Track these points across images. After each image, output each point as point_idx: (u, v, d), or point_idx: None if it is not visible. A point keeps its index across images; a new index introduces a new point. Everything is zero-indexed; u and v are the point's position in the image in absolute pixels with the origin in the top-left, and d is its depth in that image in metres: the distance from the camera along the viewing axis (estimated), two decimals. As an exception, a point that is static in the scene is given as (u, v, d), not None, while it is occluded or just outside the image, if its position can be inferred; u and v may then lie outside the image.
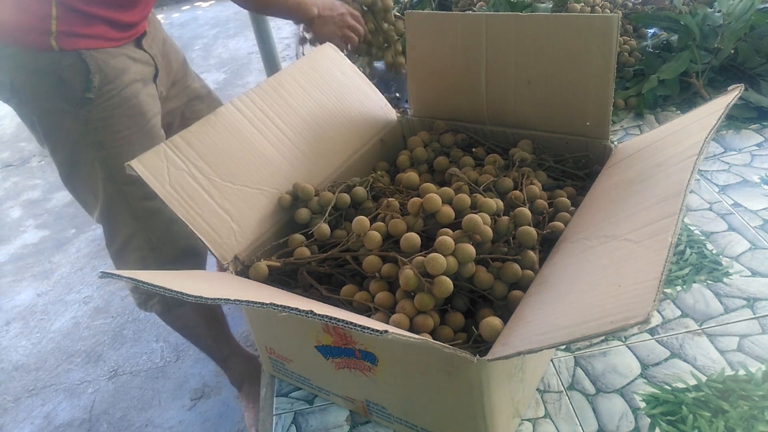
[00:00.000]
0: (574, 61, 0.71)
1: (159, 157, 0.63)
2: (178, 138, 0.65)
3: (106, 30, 0.95)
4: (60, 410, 1.68)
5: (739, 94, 0.58)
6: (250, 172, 0.70)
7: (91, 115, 0.97)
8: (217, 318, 1.39)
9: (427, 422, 0.55)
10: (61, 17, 0.90)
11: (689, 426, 0.55)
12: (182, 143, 0.65)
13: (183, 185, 0.63)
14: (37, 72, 0.93)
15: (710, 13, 1.07)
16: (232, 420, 1.56)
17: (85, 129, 0.98)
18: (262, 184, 0.70)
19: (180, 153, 0.64)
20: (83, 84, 0.94)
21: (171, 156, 0.64)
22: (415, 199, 0.65)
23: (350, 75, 0.86)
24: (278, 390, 0.66)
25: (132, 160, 0.60)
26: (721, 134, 0.96)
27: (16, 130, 3.38)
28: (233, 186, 0.67)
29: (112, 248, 1.12)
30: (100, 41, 0.95)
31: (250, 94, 0.74)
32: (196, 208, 0.63)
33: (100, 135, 0.99)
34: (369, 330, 0.40)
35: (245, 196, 0.68)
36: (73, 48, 0.93)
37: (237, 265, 0.64)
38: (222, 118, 0.70)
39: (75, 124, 0.97)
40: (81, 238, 2.39)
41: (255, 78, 3.41)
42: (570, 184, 0.74)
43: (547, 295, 0.50)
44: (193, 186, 0.64)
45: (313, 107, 0.80)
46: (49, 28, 0.90)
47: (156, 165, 0.62)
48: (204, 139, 0.67)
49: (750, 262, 0.71)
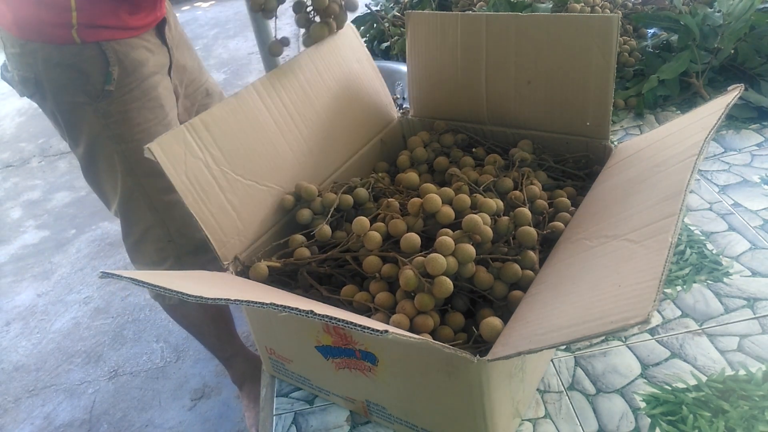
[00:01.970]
0: (574, 61, 0.71)
1: (178, 141, 0.61)
2: (198, 120, 0.64)
3: (125, 17, 0.95)
4: (60, 411, 1.68)
5: (739, 94, 0.58)
6: (260, 166, 0.69)
7: (110, 108, 0.98)
8: (224, 318, 1.40)
9: (427, 422, 0.55)
10: (81, 8, 0.91)
11: (689, 426, 0.55)
12: (201, 127, 0.64)
13: (198, 176, 0.62)
14: (60, 65, 0.94)
15: (710, 13, 1.07)
16: (232, 420, 1.56)
17: (105, 122, 0.99)
18: (269, 181, 0.70)
19: (198, 138, 0.63)
20: (103, 76, 0.95)
21: (189, 141, 0.62)
22: (415, 199, 0.65)
23: (366, 66, 0.86)
24: (278, 390, 0.66)
25: (151, 143, 0.59)
26: (721, 134, 0.96)
27: (16, 130, 3.38)
28: (243, 181, 0.67)
29: (128, 240, 1.13)
30: (120, 32, 0.95)
31: (271, 77, 0.73)
32: (207, 202, 0.63)
33: (119, 128, 0.99)
34: (369, 330, 0.40)
35: (253, 193, 0.68)
36: (94, 40, 0.93)
37: (237, 265, 0.64)
38: (242, 103, 0.69)
39: (95, 117, 0.98)
40: (81, 239, 2.39)
41: (255, 78, 3.39)
42: (570, 184, 0.74)
43: (547, 295, 0.50)
44: (207, 177, 0.63)
45: (327, 98, 0.79)
46: (70, 20, 0.91)
47: (175, 151, 0.61)
48: (222, 123, 0.66)
49: (750, 262, 0.71)
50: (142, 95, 0.99)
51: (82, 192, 2.68)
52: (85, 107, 0.97)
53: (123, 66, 0.96)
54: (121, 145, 1.00)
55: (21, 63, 0.97)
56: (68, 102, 0.98)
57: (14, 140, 3.28)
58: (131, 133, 1.00)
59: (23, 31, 0.94)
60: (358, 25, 1.55)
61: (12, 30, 0.95)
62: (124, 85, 0.97)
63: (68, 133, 1.03)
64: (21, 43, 0.95)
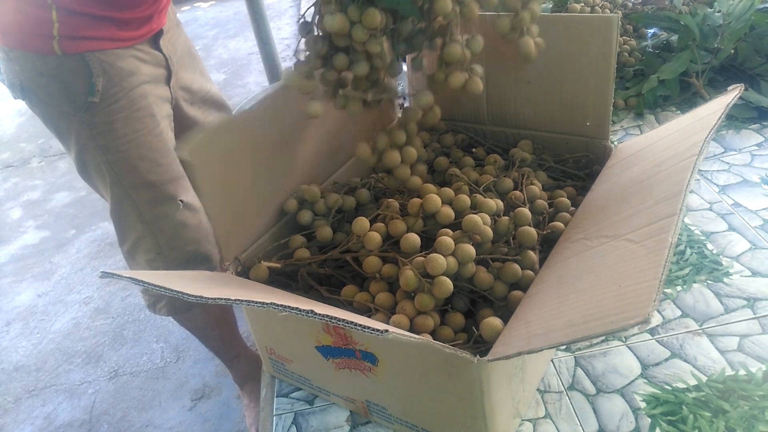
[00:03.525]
0: (574, 61, 0.71)
1: (205, 142, 0.60)
2: (212, 124, 0.61)
3: (114, 30, 0.94)
4: (60, 411, 1.68)
5: (739, 94, 0.58)
6: (258, 168, 0.69)
7: (95, 119, 0.95)
8: (228, 320, 1.39)
9: (427, 422, 0.55)
10: (63, 21, 0.89)
11: (690, 426, 0.55)
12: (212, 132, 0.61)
13: (221, 178, 0.61)
14: (43, 75, 0.93)
15: (710, 13, 1.07)
16: (232, 420, 1.56)
17: (90, 133, 0.97)
18: (268, 182, 0.70)
19: (221, 139, 0.62)
20: (86, 87, 0.93)
21: (215, 142, 0.61)
22: (415, 199, 0.65)
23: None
24: (278, 390, 0.66)
25: (180, 148, 0.56)
26: (721, 134, 0.96)
27: (16, 130, 3.38)
28: (246, 183, 0.66)
29: (123, 247, 1.12)
30: (107, 42, 0.93)
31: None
32: (225, 206, 0.62)
33: (105, 139, 0.97)
34: (369, 330, 0.40)
35: (252, 193, 0.68)
36: (76, 51, 0.91)
37: (237, 266, 0.64)
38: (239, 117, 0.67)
39: (81, 127, 0.96)
40: (81, 239, 2.39)
41: (255, 78, 3.41)
42: (570, 184, 0.74)
43: (547, 295, 0.50)
44: (228, 179, 0.62)
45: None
46: (51, 32, 0.89)
47: (202, 154, 0.59)
48: (219, 133, 0.64)
49: (750, 262, 0.71)
50: (129, 105, 0.97)
51: (82, 192, 2.68)
52: (71, 117, 0.96)
53: (108, 76, 0.94)
54: (108, 155, 0.98)
55: (7, 69, 0.95)
56: (55, 111, 0.96)
57: (14, 140, 3.28)
58: (117, 144, 0.98)
59: (6, 38, 0.93)
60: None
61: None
62: (110, 96, 0.95)
63: (59, 139, 1.02)
64: (5, 50, 0.93)
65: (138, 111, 0.98)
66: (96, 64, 0.93)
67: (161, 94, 1.04)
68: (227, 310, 1.38)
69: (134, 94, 0.98)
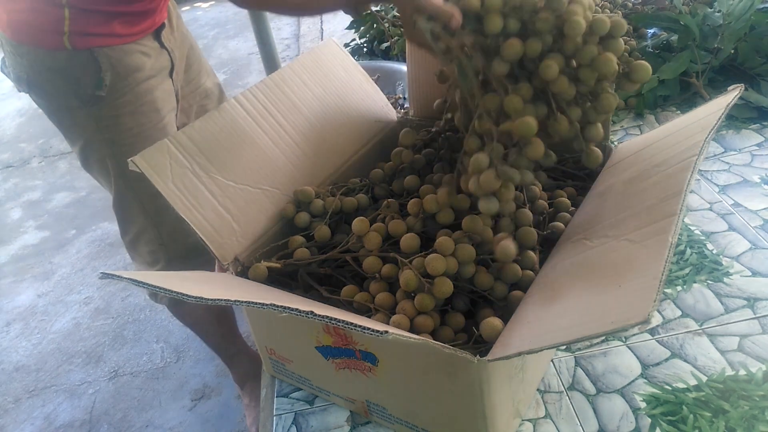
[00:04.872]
0: (574, 61, 0.70)
1: (162, 153, 0.63)
2: (182, 134, 0.65)
3: (120, 26, 0.95)
4: (60, 411, 1.68)
5: (739, 94, 0.58)
6: (252, 170, 0.70)
7: (102, 113, 0.98)
8: (227, 316, 1.40)
9: (427, 423, 0.55)
10: (74, 18, 0.91)
11: (690, 426, 0.55)
12: (185, 139, 0.65)
13: (186, 183, 0.63)
14: (51, 70, 0.95)
15: (710, 13, 1.07)
16: (232, 421, 1.56)
17: (96, 126, 0.99)
18: (263, 184, 0.70)
19: (183, 149, 0.64)
20: (94, 82, 0.95)
21: (174, 152, 0.63)
22: (415, 199, 0.65)
23: (353, 72, 0.86)
24: (278, 390, 0.66)
25: (135, 156, 0.60)
26: (721, 134, 0.96)
27: (16, 130, 3.38)
28: (235, 185, 0.67)
29: (125, 239, 1.14)
30: (114, 38, 0.96)
31: (254, 90, 0.74)
32: (198, 207, 0.63)
33: (111, 132, 1.00)
34: (369, 330, 0.40)
35: (247, 196, 0.68)
36: (85, 47, 0.93)
37: (237, 266, 0.64)
38: (225, 115, 0.70)
39: (87, 121, 0.99)
40: (81, 239, 2.39)
41: (255, 78, 3.40)
42: (570, 184, 0.74)
43: (547, 295, 0.50)
44: (196, 184, 0.64)
45: (316, 106, 0.79)
46: (62, 28, 0.91)
47: (159, 161, 0.62)
48: (207, 136, 0.67)
49: (750, 262, 0.71)
50: (135, 99, 0.99)
51: (82, 192, 2.68)
52: (77, 110, 0.98)
53: (116, 71, 0.96)
54: (113, 148, 1.01)
55: (15, 63, 0.97)
56: (61, 105, 0.98)
57: (14, 140, 3.28)
58: (122, 138, 1.00)
59: (16, 33, 0.94)
60: (359, 26, 1.55)
61: (6, 31, 0.95)
62: (117, 90, 0.97)
63: (63, 133, 1.04)
64: (14, 45, 0.95)
65: (143, 106, 1.00)
66: (104, 59, 0.95)
67: (166, 87, 1.06)
68: (226, 306, 1.38)
69: (140, 90, 1.00)
